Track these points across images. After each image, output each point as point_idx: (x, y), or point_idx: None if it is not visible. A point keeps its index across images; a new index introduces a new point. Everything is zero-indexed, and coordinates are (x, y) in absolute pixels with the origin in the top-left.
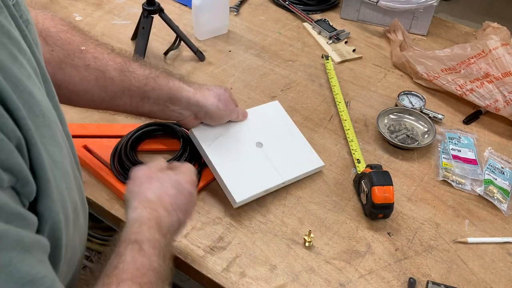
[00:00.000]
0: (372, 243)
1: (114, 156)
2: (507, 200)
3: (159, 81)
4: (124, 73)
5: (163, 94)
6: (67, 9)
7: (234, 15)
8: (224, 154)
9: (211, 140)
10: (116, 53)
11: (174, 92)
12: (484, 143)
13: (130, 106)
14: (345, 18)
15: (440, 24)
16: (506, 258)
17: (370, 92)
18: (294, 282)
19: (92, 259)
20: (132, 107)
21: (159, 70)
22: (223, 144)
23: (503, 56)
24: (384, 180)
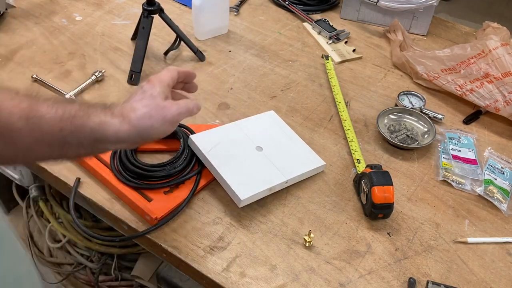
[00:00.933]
0: (372, 243)
1: (114, 156)
2: (507, 200)
3: (76, 122)
4: (32, 120)
5: (86, 137)
6: (67, 9)
7: (234, 15)
8: (225, 158)
9: (211, 146)
10: (21, 96)
11: (97, 132)
12: (484, 143)
13: (53, 155)
14: (345, 18)
15: (440, 24)
16: (506, 258)
17: (370, 92)
18: (294, 282)
19: (92, 259)
20: (56, 156)
21: (74, 106)
22: (224, 148)
23: (503, 56)
24: (384, 180)
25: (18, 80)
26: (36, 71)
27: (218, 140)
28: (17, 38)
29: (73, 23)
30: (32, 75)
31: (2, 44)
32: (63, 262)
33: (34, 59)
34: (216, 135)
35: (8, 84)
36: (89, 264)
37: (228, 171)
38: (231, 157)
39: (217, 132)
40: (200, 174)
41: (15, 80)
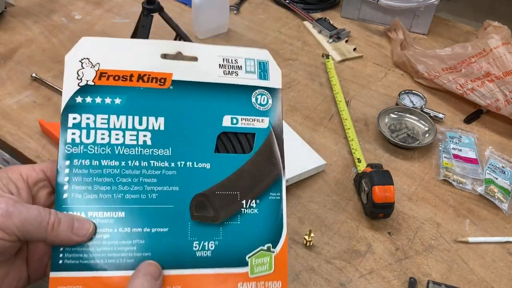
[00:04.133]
0: (372, 242)
1: None
2: (507, 199)
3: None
4: None
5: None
6: (66, 7)
7: (234, 14)
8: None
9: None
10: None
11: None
12: (485, 142)
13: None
14: (345, 17)
15: (441, 23)
16: (507, 258)
17: (371, 91)
18: (294, 282)
19: None
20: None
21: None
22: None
23: (504, 55)
24: (385, 180)
25: (17, 79)
26: (36, 70)
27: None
28: (16, 36)
29: (72, 22)
30: (31, 74)
31: (1, 42)
32: None
33: (34, 58)
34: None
35: (7, 83)
36: None
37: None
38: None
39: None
40: None
41: (14, 79)
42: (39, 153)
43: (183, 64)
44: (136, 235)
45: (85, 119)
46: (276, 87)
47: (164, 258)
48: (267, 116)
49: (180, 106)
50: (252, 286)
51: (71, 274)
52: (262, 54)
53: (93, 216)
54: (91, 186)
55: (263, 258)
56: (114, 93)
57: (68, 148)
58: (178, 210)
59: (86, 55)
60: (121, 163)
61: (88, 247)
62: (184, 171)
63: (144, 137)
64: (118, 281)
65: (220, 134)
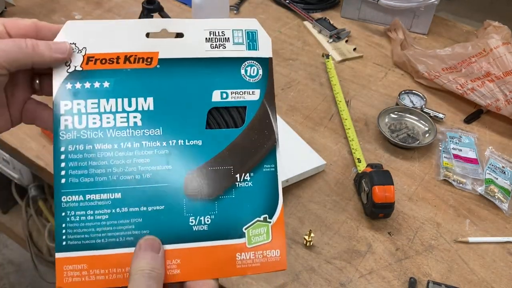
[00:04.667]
0: (372, 242)
1: None
2: (508, 199)
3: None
4: None
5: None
6: (66, 7)
7: (234, 14)
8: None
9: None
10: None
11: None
12: (485, 142)
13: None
14: (345, 17)
15: (441, 23)
16: (507, 258)
17: (371, 91)
18: (294, 282)
19: None
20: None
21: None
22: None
23: (504, 55)
24: (385, 180)
25: None
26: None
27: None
28: None
29: None
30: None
31: None
32: None
33: None
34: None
35: None
36: None
37: None
38: None
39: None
40: None
41: None
42: (39, 153)
43: (169, 42)
44: (134, 214)
45: (76, 105)
46: (266, 56)
47: (162, 234)
48: (258, 88)
49: (168, 85)
50: (251, 255)
51: (75, 254)
52: (250, 23)
53: (91, 198)
54: (87, 170)
55: (260, 229)
56: (102, 77)
57: (62, 135)
58: (172, 188)
59: (73, 40)
60: (114, 146)
61: (89, 228)
62: (176, 150)
63: (134, 118)
64: (120, 258)
65: (211, 109)
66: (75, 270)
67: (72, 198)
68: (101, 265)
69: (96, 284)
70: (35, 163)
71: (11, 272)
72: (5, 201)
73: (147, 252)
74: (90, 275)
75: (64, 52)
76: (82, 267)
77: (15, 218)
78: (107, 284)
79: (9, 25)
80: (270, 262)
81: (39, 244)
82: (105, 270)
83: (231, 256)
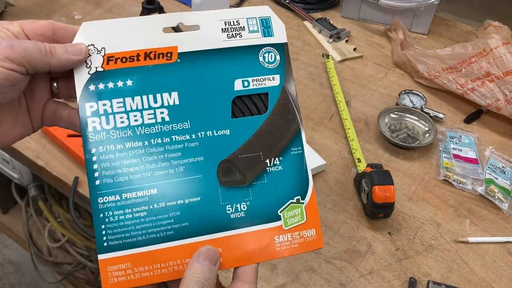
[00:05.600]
0: (372, 242)
1: None
2: (508, 199)
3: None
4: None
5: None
6: (66, 7)
7: None
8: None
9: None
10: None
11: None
12: (485, 142)
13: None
14: (345, 17)
15: (441, 23)
16: (507, 258)
17: (371, 91)
18: (294, 282)
19: (92, 259)
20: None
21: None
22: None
23: (504, 55)
24: (385, 180)
25: None
26: None
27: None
28: None
29: (72, 22)
30: None
31: None
32: (62, 261)
33: None
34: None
35: None
36: (88, 264)
37: None
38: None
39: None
40: None
41: None
42: (39, 153)
43: (186, 35)
44: (172, 208)
45: (101, 105)
46: (282, 41)
47: (201, 225)
48: (277, 73)
49: (191, 78)
50: (288, 237)
51: (118, 254)
52: (263, 10)
53: (128, 197)
54: (120, 169)
55: (294, 210)
56: (124, 76)
57: (91, 137)
58: (206, 179)
59: (91, 42)
60: (144, 143)
61: (129, 226)
62: (205, 141)
63: (161, 114)
64: (163, 253)
65: (234, 98)
66: (120, 270)
67: (108, 199)
68: (145, 262)
69: (142, 281)
70: (35, 163)
71: (11, 272)
72: (5, 201)
73: (205, 262)
74: (135, 273)
75: (80, 54)
76: (126, 266)
77: (15, 218)
78: (152, 280)
79: (26, 26)
80: (307, 241)
81: (39, 244)
82: (150, 267)
83: (270, 239)
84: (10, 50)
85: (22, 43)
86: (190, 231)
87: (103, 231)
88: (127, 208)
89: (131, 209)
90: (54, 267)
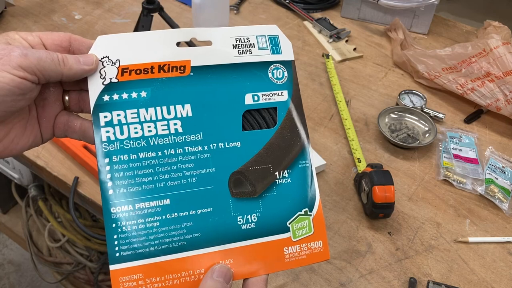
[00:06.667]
0: (372, 242)
1: None
2: (508, 199)
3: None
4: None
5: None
6: (66, 7)
7: (234, 14)
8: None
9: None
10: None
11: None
12: (485, 142)
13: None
14: (345, 17)
15: (441, 23)
16: (507, 258)
17: (371, 91)
18: (294, 282)
19: (92, 259)
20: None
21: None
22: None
23: (504, 55)
24: (385, 180)
25: None
26: None
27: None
28: None
29: (72, 22)
30: None
31: None
32: (62, 261)
33: None
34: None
35: None
36: (88, 264)
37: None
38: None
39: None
40: None
41: None
42: (39, 153)
43: (199, 50)
44: (184, 219)
45: (115, 116)
46: (289, 59)
47: (213, 235)
48: (285, 89)
49: (203, 91)
50: (296, 248)
51: (129, 265)
52: (271, 29)
53: (141, 207)
54: (133, 179)
55: (302, 222)
56: (138, 87)
57: (105, 146)
58: (218, 190)
59: (105, 54)
60: (158, 153)
61: (141, 236)
62: (217, 152)
63: (174, 125)
64: (175, 263)
65: (244, 112)
66: (131, 280)
67: (121, 209)
68: (158, 273)
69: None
70: (35, 163)
71: (11, 272)
72: (5, 201)
73: (219, 279)
74: (147, 284)
75: (91, 64)
76: (138, 277)
77: (15, 218)
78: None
79: (45, 37)
80: (314, 253)
81: (39, 244)
82: (162, 277)
83: (279, 251)
84: (23, 58)
85: (36, 53)
86: (202, 241)
87: (115, 241)
88: (140, 218)
89: (143, 219)
90: (54, 267)
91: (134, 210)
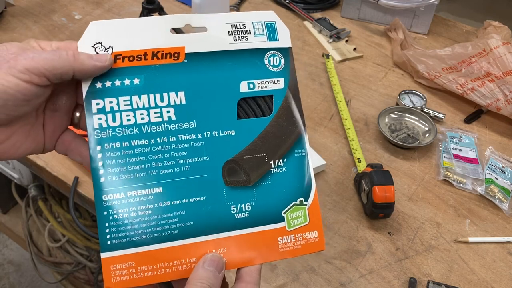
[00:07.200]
0: (372, 242)
1: None
2: (508, 199)
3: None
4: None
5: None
6: (66, 7)
7: None
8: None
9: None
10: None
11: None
12: (485, 142)
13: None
14: (345, 17)
15: (441, 23)
16: (507, 258)
17: (371, 91)
18: (294, 282)
19: (92, 259)
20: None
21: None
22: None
23: (504, 55)
24: (385, 180)
25: None
26: None
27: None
28: (16, 36)
29: (72, 22)
30: None
31: (1, 42)
32: (62, 261)
33: None
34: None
35: None
36: (88, 264)
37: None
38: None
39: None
40: None
41: None
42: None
43: (194, 36)
44: (177, 207)
45: (108, 103)
46: (286, 46)
47: (206, 224)
48: (282, 76)
49: (197, 78)
50: (291, 238)
51: (121, 253)
52: (268, 15)
53: (133, 195)
54: (126, 167)
55: (297, 212)
56: (131, 74)
57: (97, 134)
58: (212, 178)
59: (98, 40)
60: (151, 141)
61: (133, 225)
62: (211, 141)
63: (168, 113)
64: (167, 252)
65: (239, 100)
66: (123, 268)
67: (113, 196)
68: (149, 261)
69: (145, 280)
70: (35, 163)
71: (11, 272)
72: (5, 201)
73: (211, 268)
74: (139, 272)
75: (105, 61)
76: (130, 265)
77: (15, 218)
78: (156, 280)
79: (43, 43)
80: (309, 243)
81: (39, 244)
82: (153, 266)
83: (273, 240)
84: (30, 61)
85: (43, 53)
86: (194, 230)
87: (106, 229)
88: (132, 206)
89: (135, 207)
90: (54, 267)
91: (126, 198)
